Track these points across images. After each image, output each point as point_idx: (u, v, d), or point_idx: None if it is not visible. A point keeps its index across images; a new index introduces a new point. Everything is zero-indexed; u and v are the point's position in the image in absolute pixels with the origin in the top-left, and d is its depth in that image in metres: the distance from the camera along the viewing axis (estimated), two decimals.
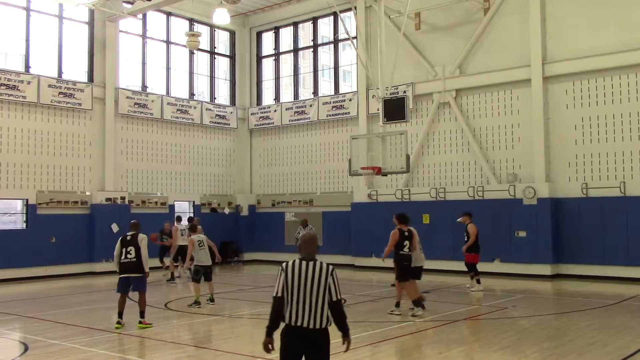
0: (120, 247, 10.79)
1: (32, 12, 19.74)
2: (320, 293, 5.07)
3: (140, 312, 10.79)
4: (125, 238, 10.87)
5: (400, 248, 11.76)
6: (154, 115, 22.43)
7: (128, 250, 10.65)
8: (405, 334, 10.09)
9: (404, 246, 11.75)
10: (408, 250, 11.77)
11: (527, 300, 13.88)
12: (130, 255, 10.63)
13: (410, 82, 20.80)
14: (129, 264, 10.64)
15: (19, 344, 9.80)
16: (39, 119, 19.58)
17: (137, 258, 10.64)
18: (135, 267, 10.63)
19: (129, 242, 10.77)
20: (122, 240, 10.89)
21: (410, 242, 11.81)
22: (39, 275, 18.28)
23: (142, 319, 10.77)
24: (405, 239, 11.79)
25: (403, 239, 11.77)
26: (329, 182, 23.34)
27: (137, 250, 10.66)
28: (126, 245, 10.72)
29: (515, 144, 19.04)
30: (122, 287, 10.74)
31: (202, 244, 13.48)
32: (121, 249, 10.76)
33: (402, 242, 11.75)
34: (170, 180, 23.07)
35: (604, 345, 9.06)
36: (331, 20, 24.17)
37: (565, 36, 18.13)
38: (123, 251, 10.72)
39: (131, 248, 10.67)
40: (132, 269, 10.64)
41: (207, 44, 24.99)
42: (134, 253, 10.64)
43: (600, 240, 17.12)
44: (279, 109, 24.65)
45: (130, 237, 10.81)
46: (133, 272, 10.64)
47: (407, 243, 11.77)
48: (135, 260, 10.62)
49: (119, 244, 10.85)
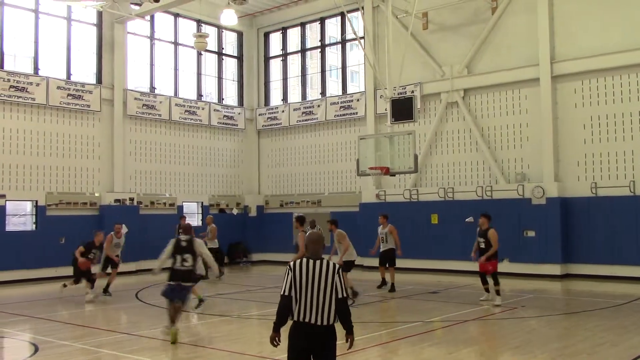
0: (173, 252, 10.02)
1: (40, 15, 19.83)
2: (327, 290, 5.20)
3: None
4: (179, 243, 10.08)
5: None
6: (162, 116, 22.50)
7: (184, 258, 9.92)
8: (414, 334, 10.07)
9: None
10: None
11: (537, 300, 13.83)
12: (187, 264, 9.93)
13: (418, 82, 20.76)
14: (184, 272, 9.94)
15: (29, 344, 9.86)
16: (48, 121, 19.68)
17: (192, 267, 10.09)
18: (189, 276, 10.06)
19: (185, 248, 10.02)
20: (176, 245, 10.08)
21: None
22: (48, 276, 18.36)
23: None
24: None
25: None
26: (337, 183, 23.34)
27: (194, 258, 10.06)
28: (182, 252, 9.97)
29: (523, 144, 18.97)
30: (171, 293, 9.97)
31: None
32: (174, 254, 10.00)
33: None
34: (179, 181, 23.13)
35: (613, 345, 9.01)
36: (339, 20, 24.16)
37: (574, 35, 18.05)
38: (178, 258, 9.96)
39: (188, 256, 9.98)
40: (186, 277, 10.00)
41: (215, 45, 25.04)
42: (191, 261, 10.01)
43: (610, 240, 17.03)
44: (286, 110, 24.67)
45: (187, 243, 10.09)
46: (186, 280, 10.00)
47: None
48: (191, 269, 10.05)
49: (171, 248, 10.05)
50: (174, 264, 9.98)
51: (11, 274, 18.09)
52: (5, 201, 18.43)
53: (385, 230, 15.89)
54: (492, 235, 13.19)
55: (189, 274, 10.05)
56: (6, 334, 10.73)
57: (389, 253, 15.75)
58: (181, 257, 9.93)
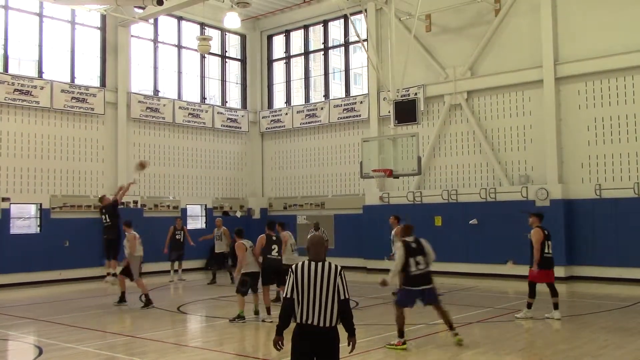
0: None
1: (44, 18, 19.90)
2: (329, 292, 5.20)
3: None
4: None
5: (268, 252, 11.88)
6: (166, 119, 22.53)
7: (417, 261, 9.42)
8: (418, 337, 10.06)
9: (272, 250, 11.93)
10: (277, 254, 11.98)
11: (541, 302, 13.76)
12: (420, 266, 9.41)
13: (421, 84, 20.76)
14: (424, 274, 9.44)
15: (33, 347, 9.87)
16: (52, 124, 19.73)
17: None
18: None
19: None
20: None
21: (278, 246, 12.06)
22: (53, 279, 18.39)
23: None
24: (273, 244, 11.95)
25: (270, 243, 11.90)
26: (341, 185, 23.34)
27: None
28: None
29: (527, 146, 18.94)
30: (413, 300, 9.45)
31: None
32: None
33: (270, 246, 11.87)
34: (183, 184, 23.16)
35: (618, 348, 8.99)
36: (342, 23, 24.19)
37: (577, 36, 18.03)
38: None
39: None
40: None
41: (218, 47, 25.09)
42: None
43: (615, 242, 16.98)
44: (290, 112, 24.69)
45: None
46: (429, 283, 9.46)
47: (275, 247, 11.96)
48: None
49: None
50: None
51: (16, 276, 18.12)
52: (10, 204, 18.48)
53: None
54: (532, 235, 11.53)
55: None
56: (11, 337, 10.75)
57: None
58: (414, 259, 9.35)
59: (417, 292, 9.31)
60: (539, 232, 11.38)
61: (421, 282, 9.30)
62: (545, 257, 11.37)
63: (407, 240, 9.61)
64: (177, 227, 19.28)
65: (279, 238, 12.37)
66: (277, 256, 11.88)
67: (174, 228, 19.22)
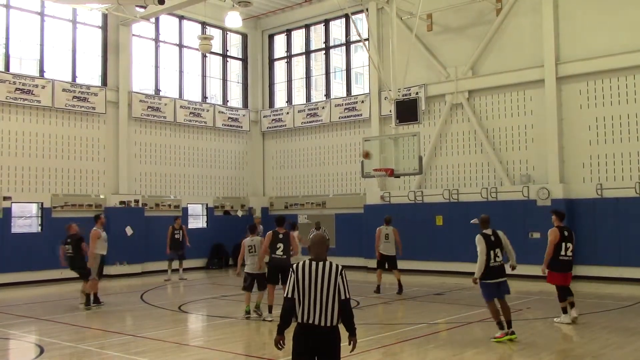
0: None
1: (46, 17, 19.90)
2: (330, 292, 5.20)
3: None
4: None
5: (273, 251, 11.60)
6: (167, 118, 22.54)
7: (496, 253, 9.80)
8: (419, 336, 10.06)
9: (277, 249, 11.58)
10: (282, 253, 11.56)
11: (542, 302, 13.78)
12: (498, 259, 9.76)
13: (423, 84, 20.75)
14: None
15: (34, 346, 9.87)
16: (54, 123, 19.74)
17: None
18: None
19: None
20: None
21: (284, 245, 11.64)
22: (54, 278, 18.41)
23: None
24: (279, 242, 11.56)
25: (276, 241, 11.59)
26: (342, 184, 23.34)
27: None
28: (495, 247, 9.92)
29: (528, 145, 18.93)
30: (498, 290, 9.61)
31: (252, 250, 11.85)
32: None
33: (276, 245, 11.58)
34: (184, 183, 23.17)
35: (619, 348, 8.98)
36: (343, 22, 24.17)
37: (579, 36, 18.01)
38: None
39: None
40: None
41: (220, 47, 25.09)
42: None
43: (616, 242, 16.97)
44: (291, 112, 24.68)
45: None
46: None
47: (280, 246, 11.55)
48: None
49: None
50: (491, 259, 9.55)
51: (17, 275, 18.14)
52: (11, 203, 18.48)
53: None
54: (549, 234, 10.96)
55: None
56: (12, 336, 10.76)
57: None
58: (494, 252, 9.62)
59: (496, 284, 9.57)
60: (555, 232, 10.76)
61: (499, 274, 9.57)
62: (561, 259, 10.69)
63: (486, 232, 9.75)
64: (176, 226, 19.17)
65: (287, 236, 11.69)
66: (282, 255, 11.48)
67: (172, 228, 19.12)
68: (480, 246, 9.62)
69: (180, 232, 19.15)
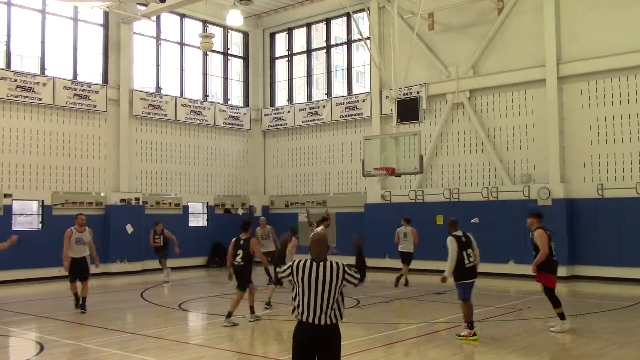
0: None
1: (47, 15, 19.90)
2: (330, 293, 5.19)
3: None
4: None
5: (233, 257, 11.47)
6: (168, 116, 22.54)
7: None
8: (420, 335, 10.06)
9: (237, 255, 11.43)
10: (241, 260, 11.35)
11: (542, 301, 13.69)
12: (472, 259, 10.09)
13: (424, 83, 20.74)
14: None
15: (34, 343, 9.88)
16: (54, 121, 19.74)
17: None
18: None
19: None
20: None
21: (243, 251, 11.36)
22: (54, 276, 18.40)
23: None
24: (239, 248, 11.32)
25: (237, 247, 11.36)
26: (343, 183, 23.33)
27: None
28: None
29: (529, 145, 18.92)
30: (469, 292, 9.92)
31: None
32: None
33: (236, 252, 11.38)
34: (184, 181, 23.17)
35: (620, 347, 8.98)
36: (344, 21, 24.15)
37: (580, 36, 17.99)
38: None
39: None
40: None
41: (221, 45, 25.08)
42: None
43: (617, 241, 16.96)
44: (292, 110, 24.68)
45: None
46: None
47: (240, 252, 11.30)
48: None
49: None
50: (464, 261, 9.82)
51: (17, 273, 18.18)
52: (12, 200, 18.51)
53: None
54: (538, 237, 10.24)
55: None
56: (12, 333, 10.77)
57: None
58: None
59: (470, 284, 9.89)
60: (543, 234, 10.16)
61: (473, 274, 9.91)
62: (554, 260, 10.26)
63: (457, 234, 10.04)
64: (157, 231, 17.88)
65: (247, 243, 11.26)
66: (240, 262, 11.23)
67: (153, 232, 17.90)
68: (451, 247, 9.86)
69: (160, 237, 17.84)
